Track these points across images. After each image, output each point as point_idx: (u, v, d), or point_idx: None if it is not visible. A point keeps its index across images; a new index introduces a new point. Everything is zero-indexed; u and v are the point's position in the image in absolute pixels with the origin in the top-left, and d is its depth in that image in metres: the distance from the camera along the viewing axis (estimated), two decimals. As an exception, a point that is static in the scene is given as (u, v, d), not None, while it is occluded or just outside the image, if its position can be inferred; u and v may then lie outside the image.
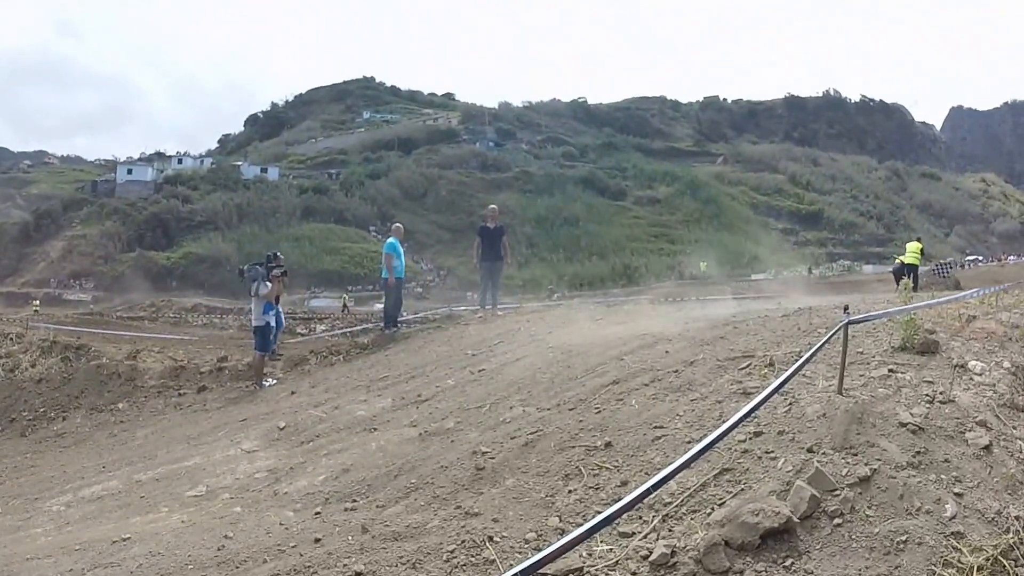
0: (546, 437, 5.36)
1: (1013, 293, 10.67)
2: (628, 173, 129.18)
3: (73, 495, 8.05)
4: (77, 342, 17.43)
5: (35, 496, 8.61)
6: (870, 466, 3.86)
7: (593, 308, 16.58)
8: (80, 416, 13.66)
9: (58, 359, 16.24)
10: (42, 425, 13.47)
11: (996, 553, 3.34)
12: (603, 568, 3.34)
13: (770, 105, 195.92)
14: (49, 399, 14.27)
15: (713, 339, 7.72)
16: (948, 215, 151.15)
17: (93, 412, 13.75)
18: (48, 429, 13.25)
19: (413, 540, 4.07)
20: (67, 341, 17.62)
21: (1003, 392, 5.26)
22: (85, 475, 9.27)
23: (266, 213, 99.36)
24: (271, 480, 6.61)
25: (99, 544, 5.37)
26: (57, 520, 7.03)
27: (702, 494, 3.84)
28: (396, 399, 9.00)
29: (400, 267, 17.17)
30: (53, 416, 13.65)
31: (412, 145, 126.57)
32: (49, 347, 16.98)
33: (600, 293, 52.35)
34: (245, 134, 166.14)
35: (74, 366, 15.70)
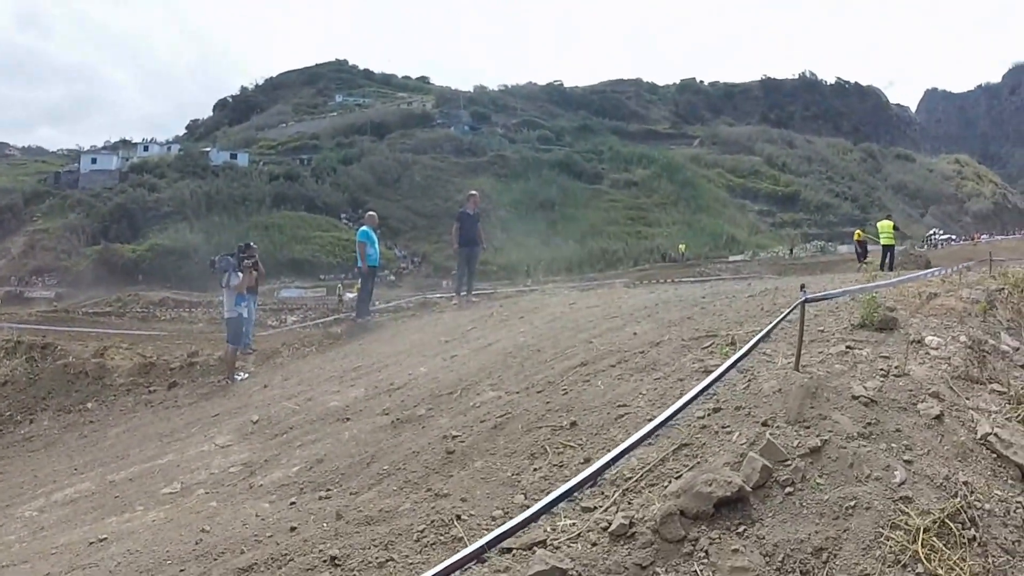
0: (514, 419, 5.47)
1: (979, 271, 10.88)
2: (604, 156, 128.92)
3: (46, 499, 8.04)
4: (42, 341, 17.12)
5: (6, 503, 8.60)
6: (821, 437, 4.01)
7: (567, 293, 16.67)
8: (48, 418, 13.63)
9: (23, 360, 16.03)
10: (9, 429, 13.41)
11: (943, 516, 3.48)
12: (566, 540, 3.44)
13: (746, 87, 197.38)
14: (15, 402, 14.21)
15: (680, 320, 7.85)
16: (922, 196, 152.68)
17: (61, 413, 13.72)
18: (15, 433, 13.21)
19: (385, 523, 4.18)
20: (32, 340, 17.30)
21: (957, 365, 5.41)
22: (57, 478, 9.26)
23: (235, 201, 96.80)
24: (246, 473, 6.64)
25: (76, 546, 5.41)
26: (31, 526, 7.04)
27: (661, 468, 3.95)
28: (369, 388, 9.02)
29: (374, 255, 17.10)
30: (20, 419, 13.61)
31: (385, 129, 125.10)
32: (13, 348, 16.73)
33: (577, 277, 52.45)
34: (214, 119, 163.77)
35: (40, 366, 15.57)
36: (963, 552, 3.36)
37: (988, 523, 3.61)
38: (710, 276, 33.28)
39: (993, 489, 3.90)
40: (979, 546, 3.45)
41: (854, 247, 32.58)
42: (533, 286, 26.51)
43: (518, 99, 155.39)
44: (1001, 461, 4.22)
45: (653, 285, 18.25)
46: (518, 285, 32.29)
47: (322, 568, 3.77)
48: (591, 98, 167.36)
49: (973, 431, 4.43)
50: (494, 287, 31.83)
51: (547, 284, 27.75)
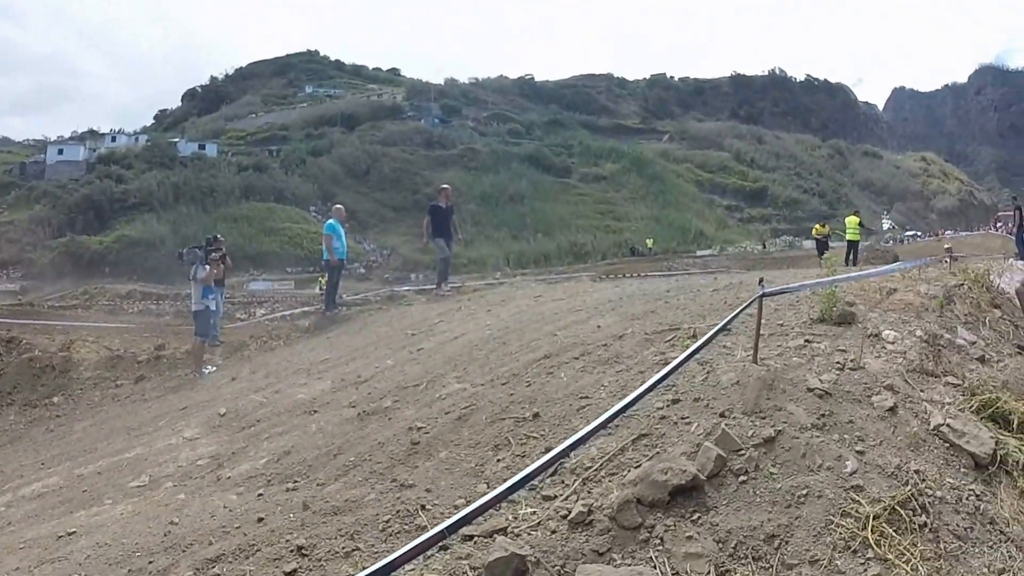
0: (479, 411, 5.54)
1: (939, 266, 11.08)
2: (574, 150, 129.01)
3: (12, 495, 7.93)
4: (7, 335, 16.79)
5: (-29, 500, 8.54)
6: (776, 428, 4.13)
7: (534, 286, 16.74)
8: (14, 413, 13.48)
9: (-13, 354, 15.78)
10: (-27, 425, 13.22)
11: (893, 503, 3.60)
12: (526, 528, 3.52)
13: (716, 83, 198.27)
14: (-21, 397, 14.02)
15: (643, 314, 7.96)
16: (889, 192, 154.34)
17: (27, 408, 13.58)
18: (-20, 429, 13.03)
19: (351, 513, 4.23)
20: (-4, 334, 17.11)
21: (913, 359, 5.56)
22: (24, 473, 9.14)
23: (203, 192, 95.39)
24: (214, 466, 6.63)
25: (44, 540, 5.37)
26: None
27: (621, 458, 4.05)
28: (336, 381, 9.04)
29: (341, 248, 17.08)
30: (-16, 415, 13.42)
31: (355, 121, 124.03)
32: (-23, 342, 16.46)
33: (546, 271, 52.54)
34: (183, 109, 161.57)
35: (5, 360, 15.35)
36: (914, 538, 3.48)
37: (940, 510, 3.73)
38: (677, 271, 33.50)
39: (945, 477, 4.02)
40: (930, 532, 3.56)
41: (814, 243, 32.75)
42: (501, 279, 26.57)
43: (489, 92, 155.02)
44: (954, 450, 4.35)
45: (619, 279, 18.30)
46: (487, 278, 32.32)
47: (289, 558, 3.80)
48: (562, 92, 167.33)
49: (926, 422, 4.56)
50: (463, 280, 31.81)
51: (515, 277, 27.80)
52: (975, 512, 3.84)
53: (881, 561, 3.31)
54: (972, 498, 3.94)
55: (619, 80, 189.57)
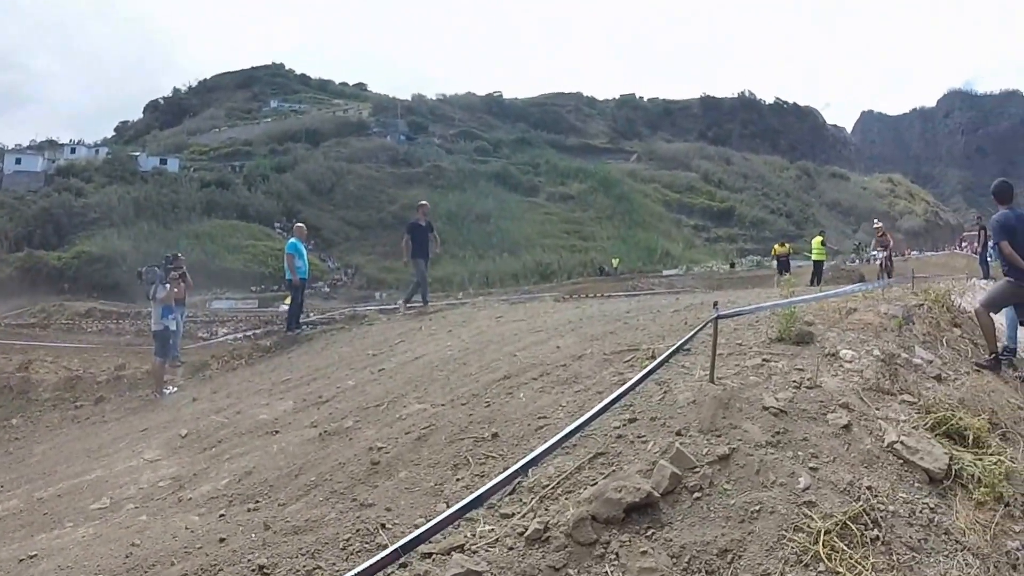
0: (438, 431, 5.58)
1: (904, 286, 11.27)
2: (541, 169, 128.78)
3: (-28, 519, 7.90)
4: (-39, 355, 16.61)
5: (-69, 524, 8.42)
6: (731, 446, 4.23)
7: (496, 306, 16.75)
8: (-30, 435, 13.26)
9: (-59, 375, 15.44)
10: (-71, 448, 12.99)
11: (845, 519, 3.70)
12: (484, 545, 3.58)
13: (685, 105, 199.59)
14: (-65, 419, 13.77)
15: (603, 334, 8.05)
16: (856, 213, 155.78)
17: (-16, 430, 13.37)
18: (-63, 452, 12.80)
19: (312, 533, 4.25)
20: (-49, 355, 16.78)
21: (869, 377, 5.68)
22: (-18, 497, 9.08)
23: (165, 208, 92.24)
24: (175, 487, 6.61)
25: (5, 564, 5.32)
26: (-42, 546, 6.92)
27: (577, 476, 4.12)
28: (298, 401, 9.07)
29: (303, 268, 16.97)
30: (-59, 438, 13.17)
31: (320, 137, 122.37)
32: (-70, 362, 16.10)
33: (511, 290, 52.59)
34: (144, 121, 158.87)
35: (-41, 381, 15.08)
36: (865, 551, 3.57)
37: (892, 523, 3.83)
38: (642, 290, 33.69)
39: (898, 492, 4.13)
40: (883, 544, 3.66)
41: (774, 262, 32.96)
42: (464, 299, 26.60)
43: (456, 109, 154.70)
44: (908, 466, 4.45)
45: (582, 299, 18.40)
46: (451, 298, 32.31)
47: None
48: (530, 110, 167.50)
49: (880, 439, 4.67)
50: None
51: (478, 297, 27.82)
52: (929, 524, 3.94)
53: (832, 574, 3.39)
54: (926, 511, 4.04)
55: (588, 99, 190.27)
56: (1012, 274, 8.57)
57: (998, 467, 4.64)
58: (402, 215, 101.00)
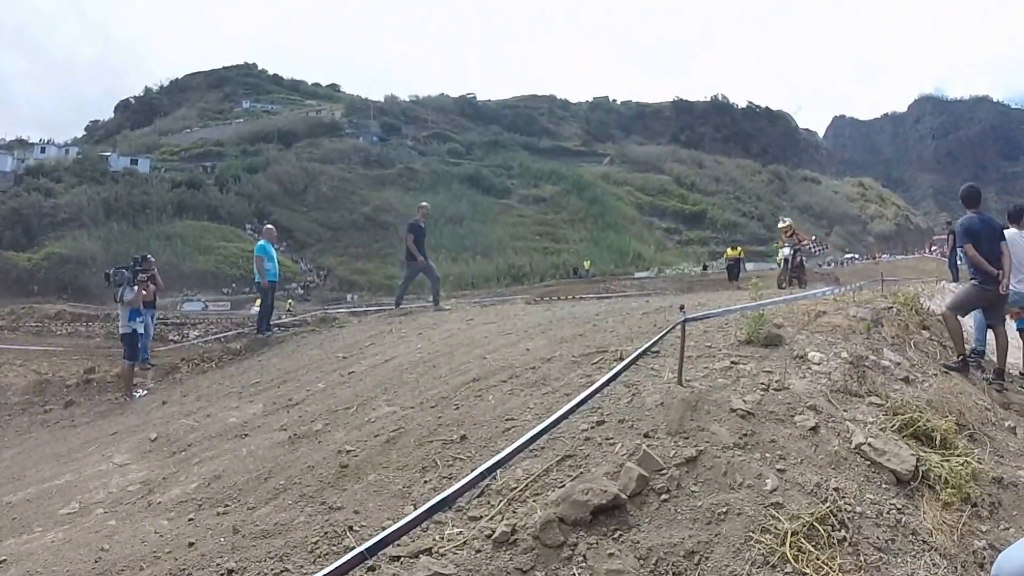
0: (407, 434, 5.57)
1: (874, 289, 11.37)
2: (514, 172, 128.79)
3: (-60, 524, 7.81)
4: (-72, 358, 16.35)
5: None
6: (698, 448, 4.26)
7: (467, 309, 16.77)
8: (-62, 440, 13.07)
9: (-93, 379, 15.22)
10: None
11: (812, 520, 3.74)
12: (451, 548, 3.58)
13: (658, 108, 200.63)
14: (-100, 424, 13.54)
15: (572, 337, 8.07)
16: (828, 216, 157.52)
17: (-48, 435, 13.17)
18: (-97, 458, 12.63)
19: (281, 536, 4.24)
20: (-84, 358, 16.49)
21: (837, 379, 5.74)
22: (-49, 502, 8.98)
23: (136, 209, 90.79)
24: (144, 492, 6.57)
25: (-26, 570, 5.31)
26: (-75, 552, 6.84)
27: (545, 479, 4.13)
28: (267, 404, 9.01)
29: (273, 270, 16.78)
30: (-93, 443, 12.98)
31: (293, 138, 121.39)
32: None
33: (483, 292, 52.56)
34: (115, 121, 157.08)
35: (-73, 385, 14.87)
36: (832, 552, 3.61)
37: (859, 524, 3.88)
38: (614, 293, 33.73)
39: (866, 493, 4.19)
40: (850, 545, 3.71)
41: (727, 265, 32.81)
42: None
43: (429, 111, 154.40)
44: (875, 468, 4.50)
45: (553, 302, 18.43)
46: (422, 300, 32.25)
47: (220, 581, 3.80)
48: (503, 113, 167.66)
49: (848, 441, 4.72)
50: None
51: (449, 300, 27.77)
52: (896, 525, 3.99)
53: (799, 575, 3.41)
54: (893, 512, 4.09)
55: (561, 102, 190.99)
56: (979, 277, 8.70)
57: (965, 468, 4.70)
58: (374, 216, 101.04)
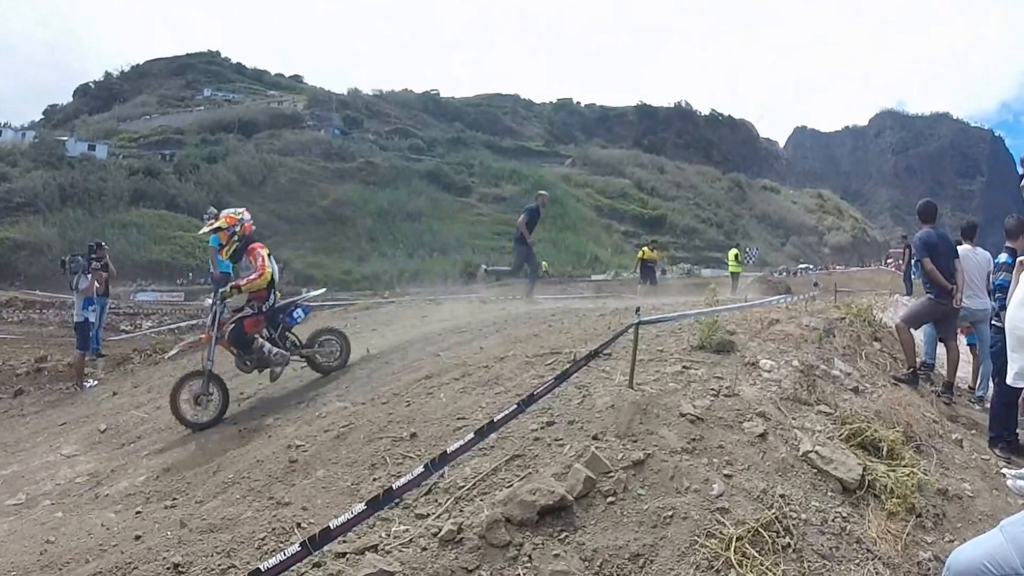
0: (357, 429, 5.56)
1: (826, 299, 11.52)
2: (475, 170, 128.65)
3: None
4: None
5: None
6: (646, 451, 4.28)
7: (422, 306, 16.75)
8: None
9: None
10: None
11: (757, 525, 3.77)
12: (397, 545, 3.58)
13: (622, 111, 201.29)
14: None
15: (527, 336, 8.10)
16: (785, 226, 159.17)
17: None
18: None
19: (228, 531, 4.21)
20: None
21: (787, 387, 5.80)
22: None
23: (92, 196, 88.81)
24: (92, 484, 6.53)
25: (-81, 560, 5.23)
26: None
27: (493, 478, 4.15)
28: (219, 397, 8.93)
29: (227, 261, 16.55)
30: None
31: (253, 128, 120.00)
32: None
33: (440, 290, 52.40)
34: (74, 106, 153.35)
35: None
36: (776, 558, 3.64)
37: (804, 531, 3.91)
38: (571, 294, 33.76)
39: (811, 501, 4.23)
40: (794, 552, 3.73)
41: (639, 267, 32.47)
42: (391, 298, 26.44)
43: (392, 106, 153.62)
44: (822, 476, 4.55)
45: (509, 301, 18.47)
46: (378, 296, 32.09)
47: (165, 575, 3.77)
48: (466, 110, 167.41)
49: (796, 448, 4.76)
50: (355, 297, 31.46)
51: (405, 296, 27.64)
52: (841, 533, 4.03)
53: (743, 580, 3.44)
54: (838, 520, 4.13)
55: (525, 102, 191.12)
56: (933, 291, 8.85)
57: (911, 479, 4.76)
58: (333, 210, 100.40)
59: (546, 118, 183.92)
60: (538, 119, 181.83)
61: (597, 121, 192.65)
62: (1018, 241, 7.99)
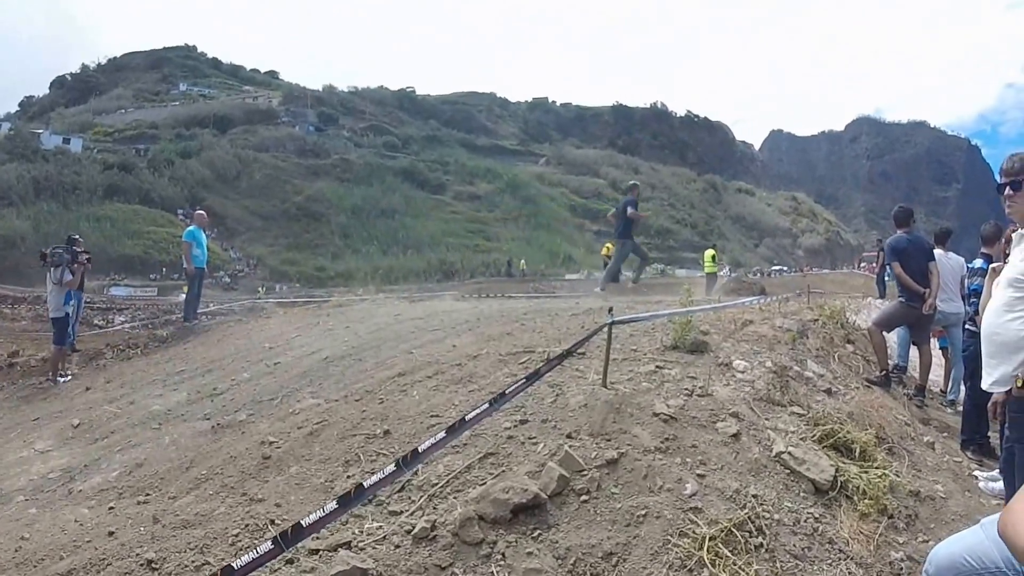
0: (331, 426, 5.55)
1: (799, 301, 11.61)
2: (450, 168, 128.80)
3: None
4: None
5: None
6: (620, 450, 4.31)
7: (396, 303, 16.75)
8: None
9: None
10: None
11: (730, 525, 3.79)
12: (371, 542, 3.58)
13: (598, 112, 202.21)
14: None
15: (500, 335, 8.11)
16: (759, 228, 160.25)
17: None
18: None
19: (201, 527, 4.19)
20: None
21: (761, 388, 5.84)
22: None
23: (66, 189, 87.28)
24: (66, 479, 6.47)
25: None
26: None
27: (466, 476, 4.15)
28: (192, 393, 8.92)
29: (202, 256, 16.59)
30: None
31: (228, 123, 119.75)
32: None
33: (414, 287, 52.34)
34: (50, 98, 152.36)
35: None
36: (749, 558, 3.66)
37: (776, 532, 3.95)
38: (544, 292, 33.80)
39: (784, 501, 4.26)
40: (767, 552, 3.76)
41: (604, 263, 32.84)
42: (364, 295, 26.38)
43: (368, 103, 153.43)
44: (794, 476, 4.58)
45: (482, 299, 18.46)
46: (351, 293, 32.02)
47: (139, 571, 3.75)
48: (442, 108, 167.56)
49: (768, 449, 4.79)
50: (329, 293, 31.36)
51: (379, 294, 27.58)
52: (813, 533, 4.07)
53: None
54: (811, 520, 4.17)
55: (501, 100, 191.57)
56: (905, 296, 8.95)
57: (883, 480, 4.82)
58: (307, 207, 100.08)
59: (521, 117, 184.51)
60: (513, 118, 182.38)
61: (572, 121, 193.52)
62: (994, 247, 8.10)
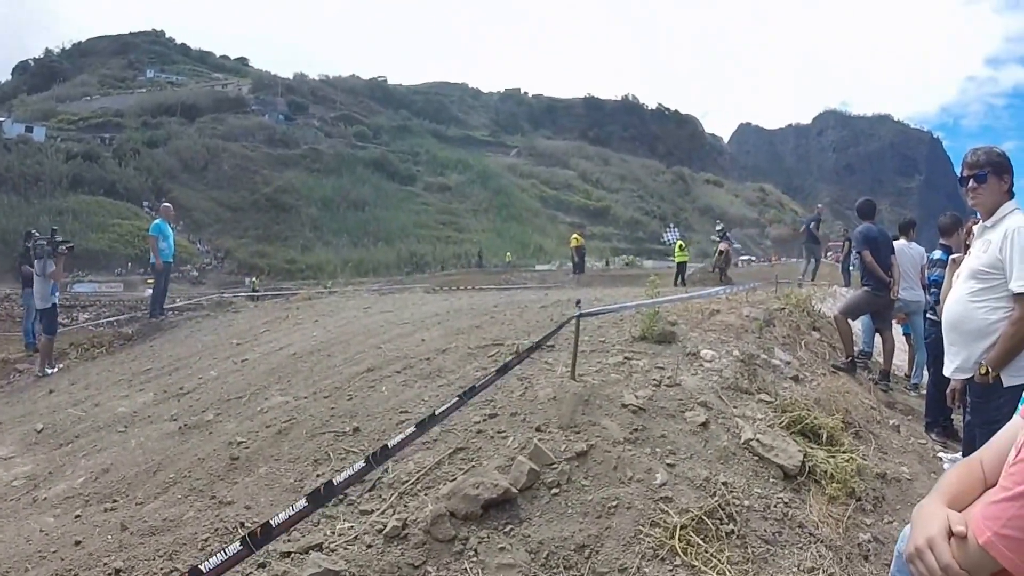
0: (299, 425, 5.51)
1: (768, 290, 11.70)
2: (421, 158, 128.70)
3: None
4: None
5: None
6: (589, 442, 4.31)
7: (365, 296, 16.71)
8: None
9: None
10: None
11: (700, 514, 3.81)
12: (342, 543, 3.56)
13: (569, 103, 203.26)
14: None
15: (469, 328, 8.12)
16: (727, 219, 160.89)
17: None
18: None
19: (170, 533, 4.14)
20: None
21: (728, 376, 5.86)
22: None
23: (28, 181, 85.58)
24: (29, 487, 6.35)
25: None
26: None
27: (437, 472, 4.14)
28: (158, 393, 8.81)
29: (168, 250, 16.32)
30: None
31: (196, 112, 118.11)
32: None
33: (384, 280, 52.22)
34: (12, 84, 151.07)
35: None
36: (720, 544, 3.68)
37: (747, 518, 3.96)
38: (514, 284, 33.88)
39: (754, 488, 4.27)
40: (738, 538, 3.78)
41: (571, 255, 33.04)
42: (333, 288, 26.29)
43: (338, 92, 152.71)
44: (763, 463, 4.60)
45: (452, 292, 18.46)
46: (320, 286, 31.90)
47: (108, 581, 3.71)
48: (413, 98, 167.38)
49: (737, 436, 4.81)
50: (299, 286, 31.19)
51: (348, 286, 27.50)
52: (783, 518, 4.09)
53: (688, 568, 3.48)
54: (780, 506, 4.19)
55: (473, 91, 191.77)
56: (871, 283, 9.06)
57: (850, 464, 4.88)
58: (276, 198, 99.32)
59: (493, 108, 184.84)
60: (485, 108, 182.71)
61: (544, 112, 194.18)
62: (952, 238, 8.19)
